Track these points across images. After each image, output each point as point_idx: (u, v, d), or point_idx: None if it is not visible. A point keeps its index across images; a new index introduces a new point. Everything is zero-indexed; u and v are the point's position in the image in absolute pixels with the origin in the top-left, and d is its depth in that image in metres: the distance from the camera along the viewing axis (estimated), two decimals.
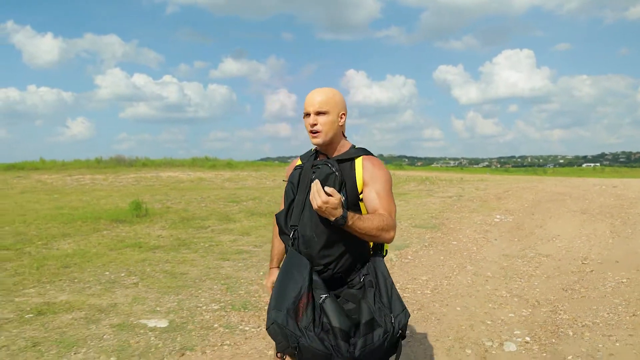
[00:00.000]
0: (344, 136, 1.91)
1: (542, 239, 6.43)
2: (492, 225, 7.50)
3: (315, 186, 1.64)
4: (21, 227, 7.31)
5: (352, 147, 1.89)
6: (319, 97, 1.82)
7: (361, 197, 1.79)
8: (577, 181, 14.72)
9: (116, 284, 4.49)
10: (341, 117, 1.85)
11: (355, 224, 1.65)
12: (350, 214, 1.65)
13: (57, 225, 7.50)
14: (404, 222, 7.85)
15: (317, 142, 1.83)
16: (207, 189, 13.71)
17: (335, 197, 1.61)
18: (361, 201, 1.80)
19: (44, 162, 20.88)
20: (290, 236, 1.83)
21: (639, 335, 3.26)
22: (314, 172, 1.81)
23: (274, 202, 10.19)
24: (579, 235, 6.56)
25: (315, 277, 1.74)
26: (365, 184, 1.79)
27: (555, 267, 5.06)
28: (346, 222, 1.63)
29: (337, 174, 1.75)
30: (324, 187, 1.63)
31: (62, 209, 9.45)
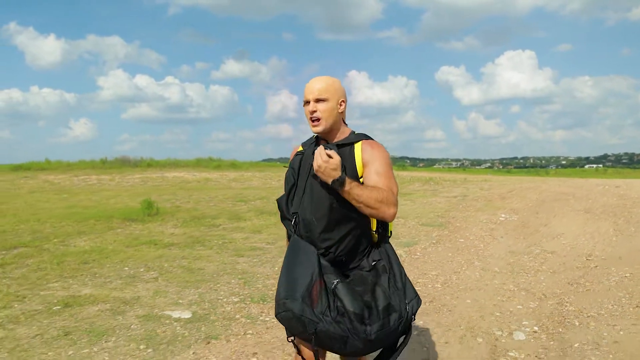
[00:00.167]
0: (344, 123, 1.92)
1: (547, 236, 6.57)
2: (498, 223, 7.64)
3: (318, 150, 1.69)
4: (36, 225, 7.49)
5: (352, 132, 1.91)
6: (318, 84, 1.83)
7: (362, 180, 1.78)
8: (580, 181, 14.83)
9: (136, 278, 4.64)
10: (341, 104, 1.86)
11: (353, 190, 1.65)
12: (348, 179, 1.66)
13: (71, 223, 7.68)
14: (411, 220, 8.01)
15: (317, 130, 1.85)
16: (213, 189, 13.88)
17: (335, 158, 1.65)
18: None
19: (49, 162, 21.07)
20: (292, 221, 1.86)
21: None
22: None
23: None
24: (583, 233, 6.70)
25: (323, 262, 1.77)
26: (364, 165, 1.79)
27: (560, 263, 5.20)
28: (344, 185, 1.65)
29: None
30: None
31: (73, 208, 9.62)
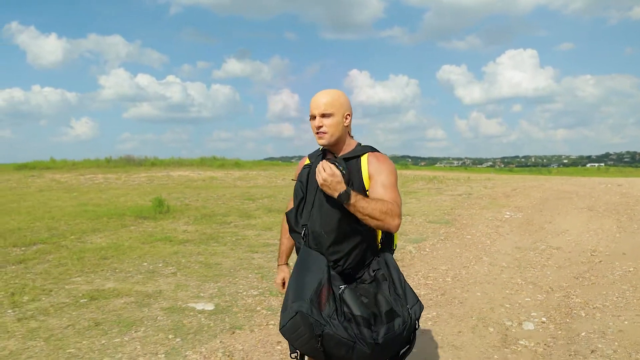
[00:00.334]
0: (350, 135, 1.94)
1: (551, 233, 6.73)
2: (503, 221, 7.80)
3: (321, 164, 1.70)
4: (51, 223, 7.66)
5: (358, 145, 1.93)
6: (323, 99, 1.84)
7: (368, 193, 1.80)
8: (582, 180, 14.99)
9: (156, 273, 4.81)
10: (346, 118, 1.87)
11: (358, 202, 1.66)
12: (354, 192, 1.68)
13: (85, 221, 7.84)
14: (418, 217, 8.17)
15: (321, 142, 1.87)
16: (220, 187, 14.04)
17: (336, 172, 1.67)
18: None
19: (54, 161, 21.17)
20: (301, 234, 1.87)
21: None
22: None
23: (288, 199, 10.47)
24: (586, 230, 6.86)
25: (332, 272, 1.78)
26: (370, 178, 1.81)
27: (565, 258, 5.36)
28: (349, 199, 1.66)
29: (344, 172, 1.76)
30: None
31: (85, 205, 9.78)
